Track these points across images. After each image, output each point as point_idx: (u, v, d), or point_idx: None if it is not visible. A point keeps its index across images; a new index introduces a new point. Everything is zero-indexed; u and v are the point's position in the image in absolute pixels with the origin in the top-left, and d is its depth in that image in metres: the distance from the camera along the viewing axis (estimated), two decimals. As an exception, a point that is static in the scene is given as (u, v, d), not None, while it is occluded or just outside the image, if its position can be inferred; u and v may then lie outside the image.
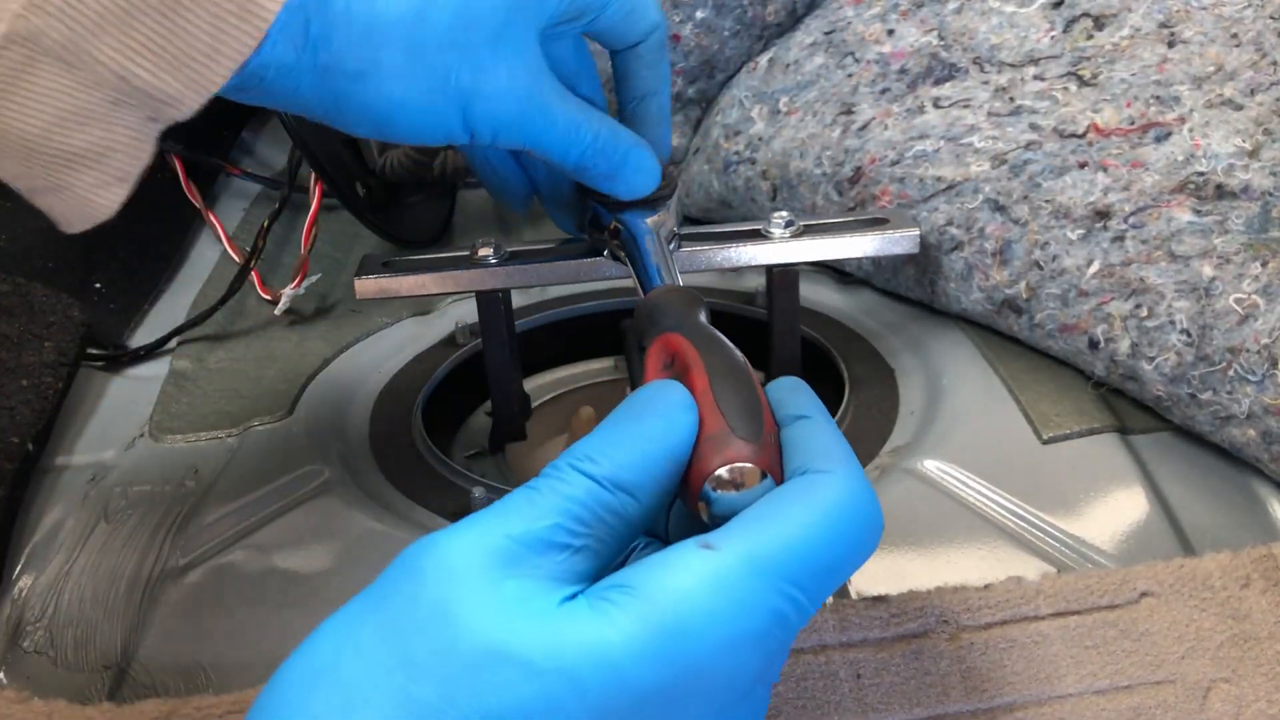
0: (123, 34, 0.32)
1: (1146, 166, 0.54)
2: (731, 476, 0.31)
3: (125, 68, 0.33)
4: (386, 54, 0.37)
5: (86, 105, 0.33)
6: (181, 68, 0.33)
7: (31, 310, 0.60)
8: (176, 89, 0.34)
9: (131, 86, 0.33)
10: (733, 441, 0.31)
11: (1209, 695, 0.38)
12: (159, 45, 0.33)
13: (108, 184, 0.35)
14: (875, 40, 0.68)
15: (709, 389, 0.33)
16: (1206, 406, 0.47)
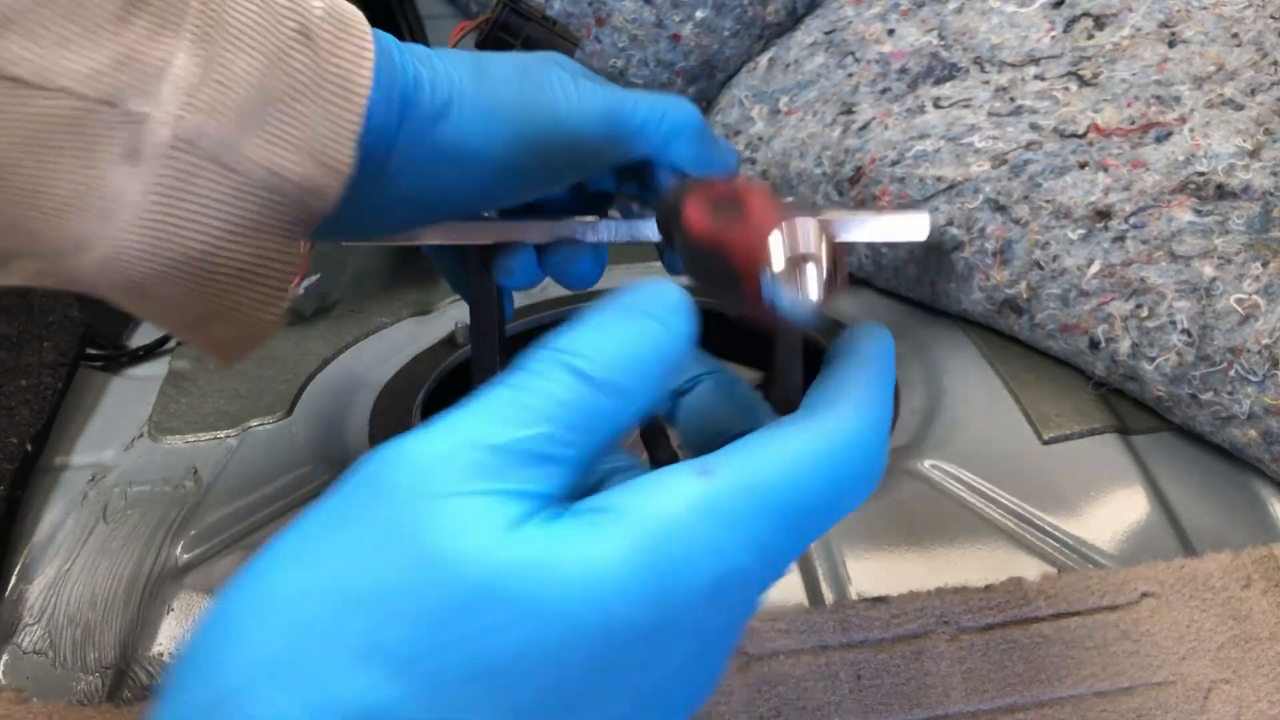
0: (262, 128, 0.33)
1: (1147, 166, 0.54)
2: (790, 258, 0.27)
3: (273, 161, 0.33)
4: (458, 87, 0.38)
5: (245, 212, 0.33)
6: (316, 154, 0.34)
7: (31, 310, 0.60)
8: (317, 175, 0.34)
9: (282, 179, 0.34)
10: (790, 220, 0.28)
11: (1210, 696, 0.38)
12: (292, 135, 0.33)
13: (270, 298, 0.35)
14: (875, 40, 0.68)
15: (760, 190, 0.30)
16: (1207, 407, 0.47)
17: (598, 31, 0.73)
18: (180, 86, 0.31)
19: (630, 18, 0.73)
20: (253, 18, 0.33)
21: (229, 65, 0.32)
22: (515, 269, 0.47)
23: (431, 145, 0.38)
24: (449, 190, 0.41)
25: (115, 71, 0.30)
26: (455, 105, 0.38)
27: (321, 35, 0.34)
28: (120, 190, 0.31)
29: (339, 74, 0.35)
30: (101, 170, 0.31)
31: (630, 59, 0.74)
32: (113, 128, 0.31)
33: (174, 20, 0.31)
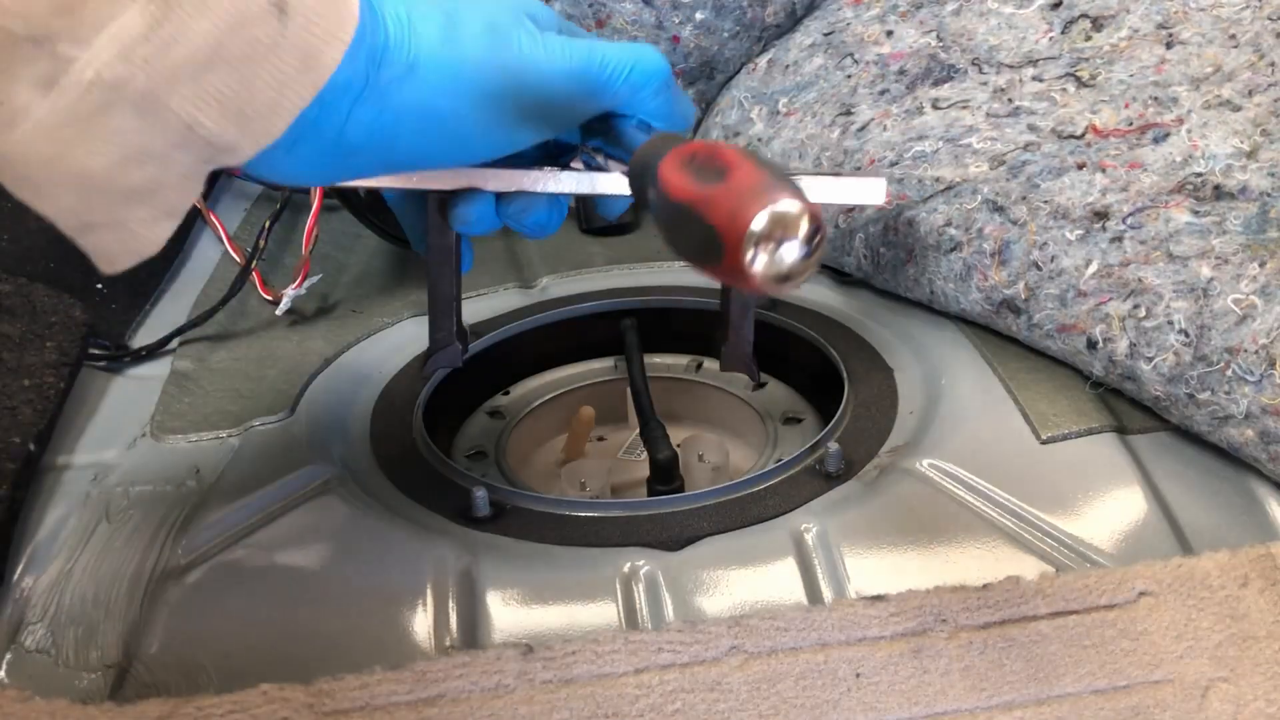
0: (195, 86, 0.34)
1: (1145, 167, 0.54)
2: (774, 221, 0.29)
3: (193, 117, 0.34)
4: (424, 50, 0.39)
5: (150, 145, 0.34)
6: (245, 120, 0.35)
7: (34, 310, 0.60)
8: (236, 138, 0.35)
9: (194, 134, 0.34)
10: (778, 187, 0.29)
11: (1207, 695, 0.38)
12: (227, 98, 0.34)
13: (158, 219, 0.36)
14: (874, 41, 0.68)
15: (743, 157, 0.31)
16: (1204, 406, 0.47)
17: (598, 32, 0.74)
18: (119, 39, 0.32)
19: (630, 19, 0.73)
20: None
21: (182, 26, 0.33)
22: (472, 218, 0.47)
23: (395, 105, 0.39)
24: (410, 148, 0.41)
25: (51, 16, 0.31)
26: (421, 66, 0.39)
27: (299, 8, 0.34)
28: (26, 106, 0.32)
29: (303, 48, 0.35)
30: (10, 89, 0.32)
31: (630, 60, 0.74)
32: (32, 60, 0.32)
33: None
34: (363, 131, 0.39)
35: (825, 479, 0.50)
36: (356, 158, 0.40)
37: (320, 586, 0.45)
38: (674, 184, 0.33)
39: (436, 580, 0.44)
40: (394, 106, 0.39)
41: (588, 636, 0.40)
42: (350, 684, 0.38)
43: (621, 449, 0.64)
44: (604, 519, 0.49)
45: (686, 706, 0.38)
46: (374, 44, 0.37)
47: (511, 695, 0.38)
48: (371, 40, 0.37)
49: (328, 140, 0.39)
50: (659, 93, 0.44)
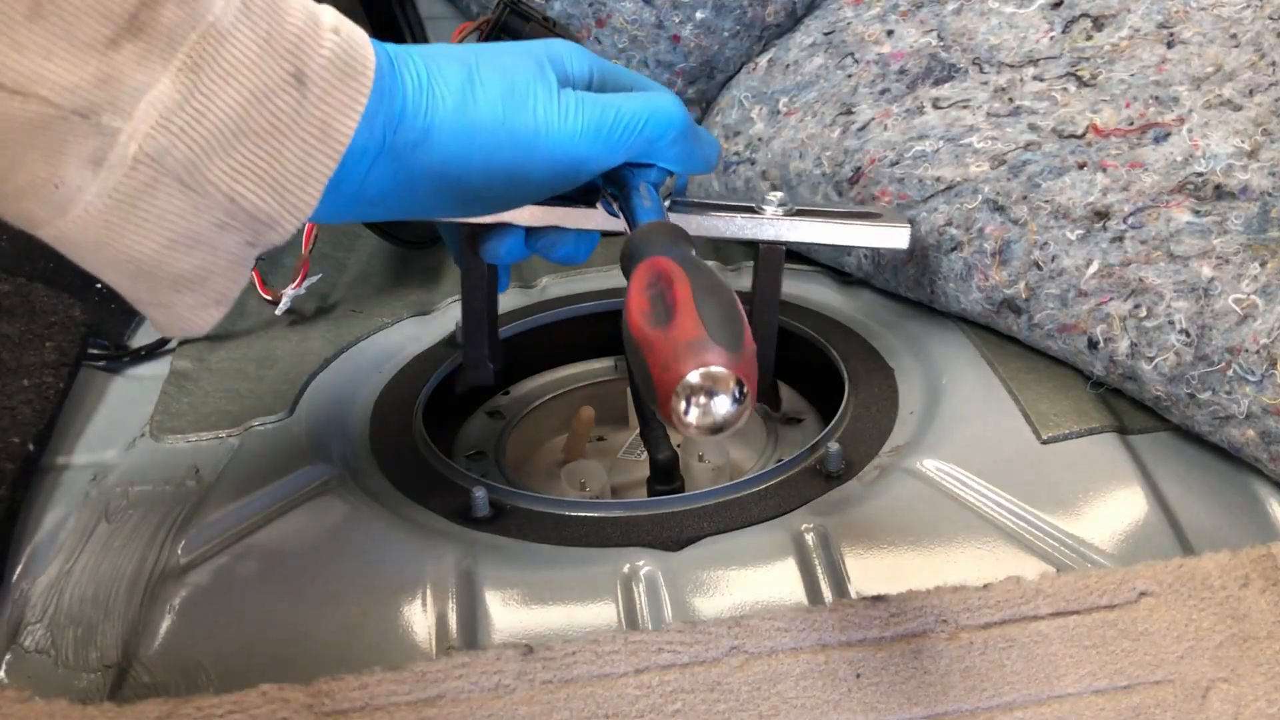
0: (230, 156, 0.34)
1: (1145, 167, 0.54)
2: (704, 382, 0.31)
3: (234, 189, 0.35)
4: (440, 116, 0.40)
5: (197, 229, 0.35)
6: (280, 190, 0.36)
7: (33, 310, 0.60)
8: (276, 210, 0.36)
9: (238, 208, 0.35)
10: (710, 346, 0.31)
11: (1208, 695, 0.38)
12: (261, 168, 0.35)
13: (206, 306, 0.38)
14: (875, 41, 0.68)
15: (690, 299, 0.33)
16: (1205, 406, 0.47)
17: (598, 32, 0.74)
18: (156, 108, 0.33)
19: (630, 19, 0.73)
20: (249, 56, 0.34)
21: (211, 96, 0.33)
22: (502, 251, 0.49)
23: (410, 167, 0.40)
24: (427, 204, 0.42)
25: (94, 88, 0.32)
26: (435, 132, 0.40)
27: (316, 80, 0.35)
28: (78, 190, 0.33)
29: (322, 119, 0.36)
30: (63, 170, 0.32)
31: (630, 59, 0.74)
32: (81, 135, 0.32)
33: (166, 50, 0.33)
34: (381, 189, 0.40)
35: (825, 479, 0.50)
36: (375, 208, 0.41)
37: (320, 586, 0.45)
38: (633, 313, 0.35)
39: (436, 580, 0.44)
40: (410, 167, 0.40)
41: (588, 637, 0.40)
42: (350, 684, 0.38)
43: (621, 449, 0.64)
44: (604, 519, 0.49)
45: (686, 707, 0.38)
46: (390, 110, 0.38)
47: (511, 695, 0.38)
48: (389, 107, 0.38)
49: (348, 195, 0.40)
50: (675, 143, 0.45)
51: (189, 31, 0.33)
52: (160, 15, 0.33)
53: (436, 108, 0.40)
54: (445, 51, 0.41)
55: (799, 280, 0.68)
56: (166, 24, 0.33)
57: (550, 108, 0.42)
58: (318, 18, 0.36)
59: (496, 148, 0.41)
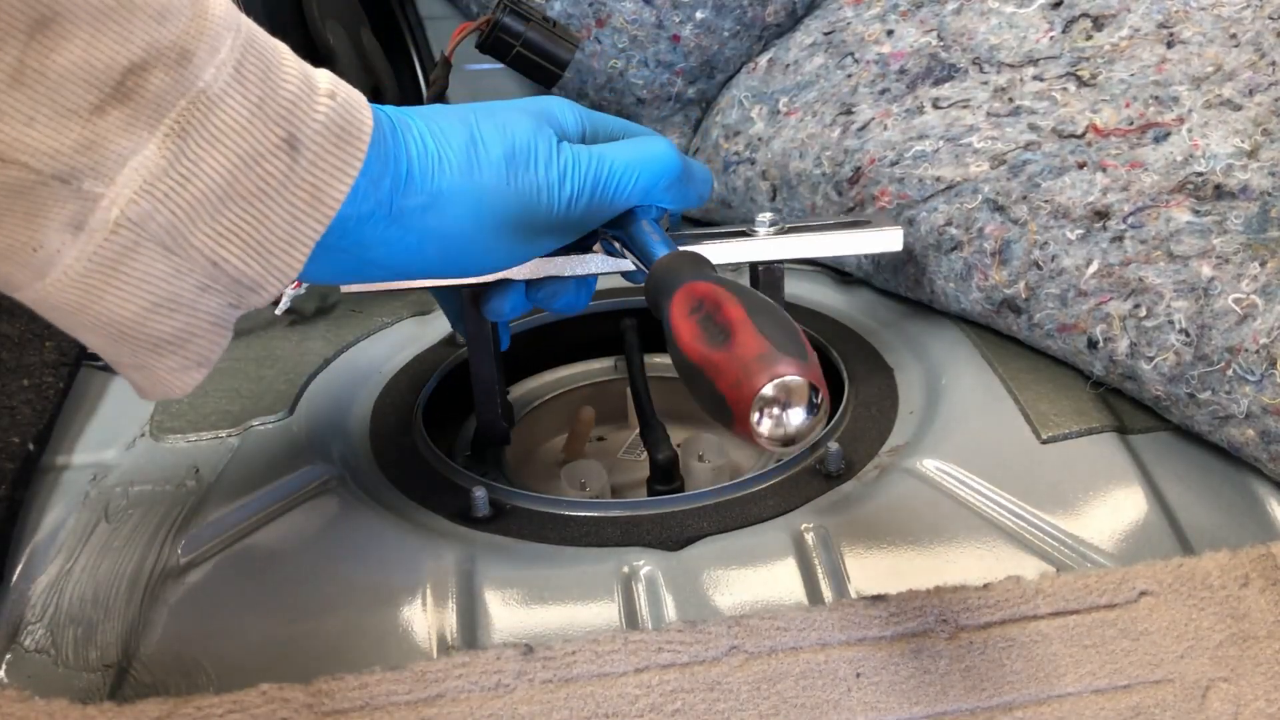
0: (215, 220, 0.34)
1: (1145, 167, 0.54)
2: (779, 394, 0.31)
3: (217, 253, 0.35)
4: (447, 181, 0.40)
5: (178, 291, 0.35)
6: (264, 255, 0.35)
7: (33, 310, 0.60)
8: (260, 274, 0.36)
9: (221, 272, 0.35)
10: (779, 358, 0.31)
11: (1208, 694, 0.38)
12: (245, 232, 0.35)
13: (187, 368, 0.37)
14: (875, 41, 0.68)
15: (746, 316, 0.33)
16: (1205, 406, 0.47)
17: (598, 32, 0.74)
18: (140, 174, 0.33)
19: (630, 18, 0.73)
20: (239, 121, 0.34)
21: (197, 161, 0.33)
22: (505, 309, 0.49)
23: (418, 229, 0.40)
24: (433, 266, 0.42)
25: (76, 154, 0.32)
26: (444, 196, 0.40)
27: (309, 145, 0.35)
28: (57, 253, 0.33)
29: (313, 184, 0.36)
30: (42, 234, 0.32)
31: (630, 59, 0.74)
32: (61, 200, 0.32)
33: (153, 116, 0.33)
34: (386, 251, 0.40)
35: (825, 479, 0.50)
36: (379, 269, 0.42)
37: (320, 586, 0.45)
38: (684, 338, 0.35)
39: (436, 580, 0.44)
40: (417, 230, 0.40)
41: (588, 636, 0.40)
42: (350, 684, 0.38)
43: (621, 449, 0.64)
44: (604, 519, 0.49)
45: (686, 706, 0.38)
46: (396, 174, 0.39)
47: (511, 695, 0.38)
48: (395, 170, 0.39)
49: (350, 257, 0.40)
50: (669, 187, 0.46)
51: (178, 98, 0.33)
52: (148, 82, 0.32)
53: (444, 171, 0.40)
54: (444, 113, 0.42)
55: (799, 280, 0.68)
56: (154, 90, 0.32)
57: (551, 165, 0.43)
58: (313, 83, 0.36)
59: (503, 208, 0.42)
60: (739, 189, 0.69)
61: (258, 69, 0.35)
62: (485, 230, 0.42)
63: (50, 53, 0.31)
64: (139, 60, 0.32)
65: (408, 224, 0.40)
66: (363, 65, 0.71)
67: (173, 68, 0.33)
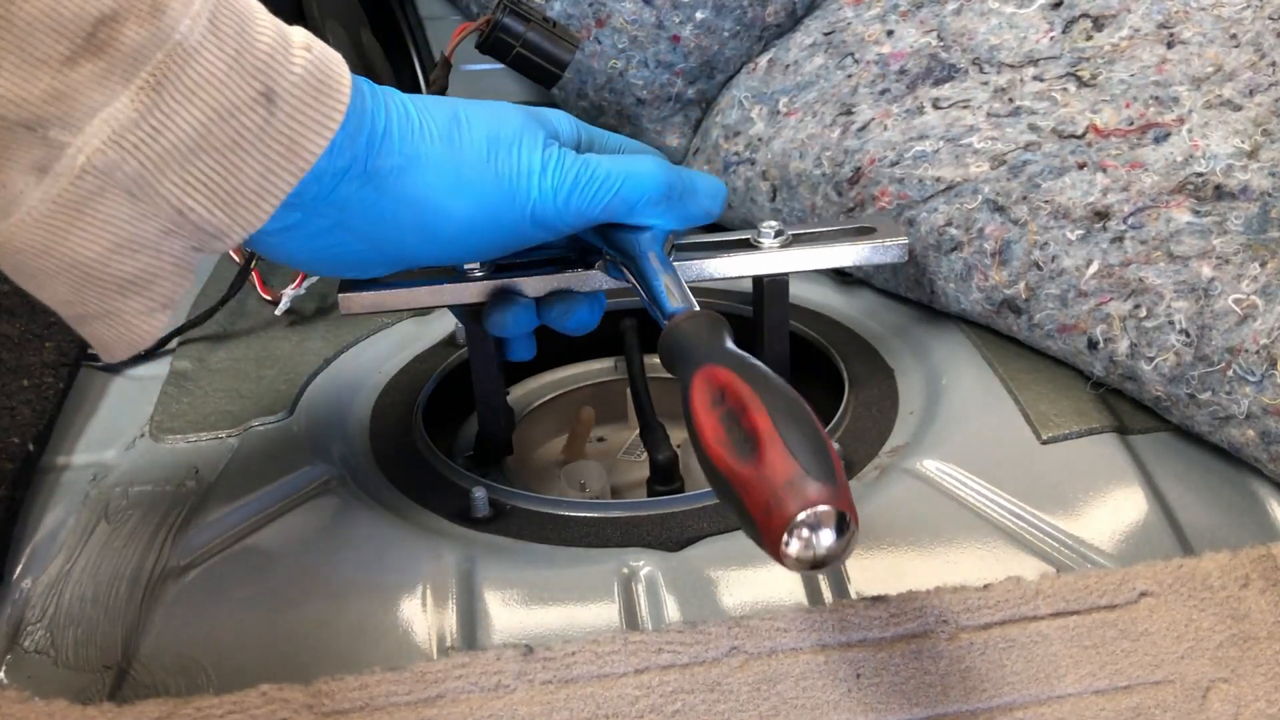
0: (184, 170, 0.34)
1: (1145, 167, 0.54)
2: (809, 520, 0.31)
3: (183, 202, 0.35)
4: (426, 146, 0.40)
5: (141, 233, 0.35)
6: (232, 205, 0.36)
7: (32, 310, 0.60)
8: (225, 223, 0.36)
9: (185, 220, 0.35)
10: (809, 484, 0.32)
11: (1208, 695, 0.38)
12: (215, 182, 0.35)
13: (152, 310, 0.37)
14: (875, 41, 0.68)
15: (773, 428, 0.33)
16: (1205, 407, 0.47)
17: (598, 33, 0.73)
18: (110, 125, 0.33)
19: (630, 19, 0.73)
20: (216, 73, 0.34)
21: (170, 114, 0.33)
22: (508, 322, 0.49)
23: (394, 193, 0.40)
24: (412, 242, 0.42)
25: (43, 103, 0.32)
26: (422, 159, 0.40)
27: (287, 98, 0.35)
28: (20, 193, 0.33)
29: (290, 136, 0.36)
30: (5, 174, 0.32)
31: (630, 60, 0.74)
32: (26, 145, 0.32)
33: (128, 69, 0.33)
34: (360, 216, 0.40)
35: (825, 479, 0.50)
36: (357, 242, 0.41)
37: (320, 587, 0.45)
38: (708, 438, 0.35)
39: (436, 581, 0.44)
40: (393, 194, 0.40)
41: (588, 637, 0.40)
42: (350, 684, 0.38)
43: (621, 449, 0.64)
44: (604, 519, 0.49)
45: (686, 707, 0.38)
46: (373, 131, 0.39)
47: (511, 695, 0.38)
48: (371, 126, 0.39)
49: (326, 222, 0.40)
50: (655, 204, 0.46)
51: (154, 51, 0.33)
52: (121, 34, 0.32)
53: (423, 137, 0.40)
54: (431, 97, 0.42)
55: (799, 280, 0.68)
56: (130, 43, 0.32)
57: (534, 156, 0.43)
58: (288, 36, 0.36)
59: (480, 186, 0.42)
60: (739, 189, 0.69)
61: (233, 22, 0.35)
62: (461, 205, 0.41)
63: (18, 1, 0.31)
64: (109, 11, 0.32)
65: (383, 186, 0.40)
66: (363, 65, 0.71)
67: (146, 19, 0.33)
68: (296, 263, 0.43)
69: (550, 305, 0.49)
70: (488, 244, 0.44)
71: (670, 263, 0.45)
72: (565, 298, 0.49)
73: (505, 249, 0.45)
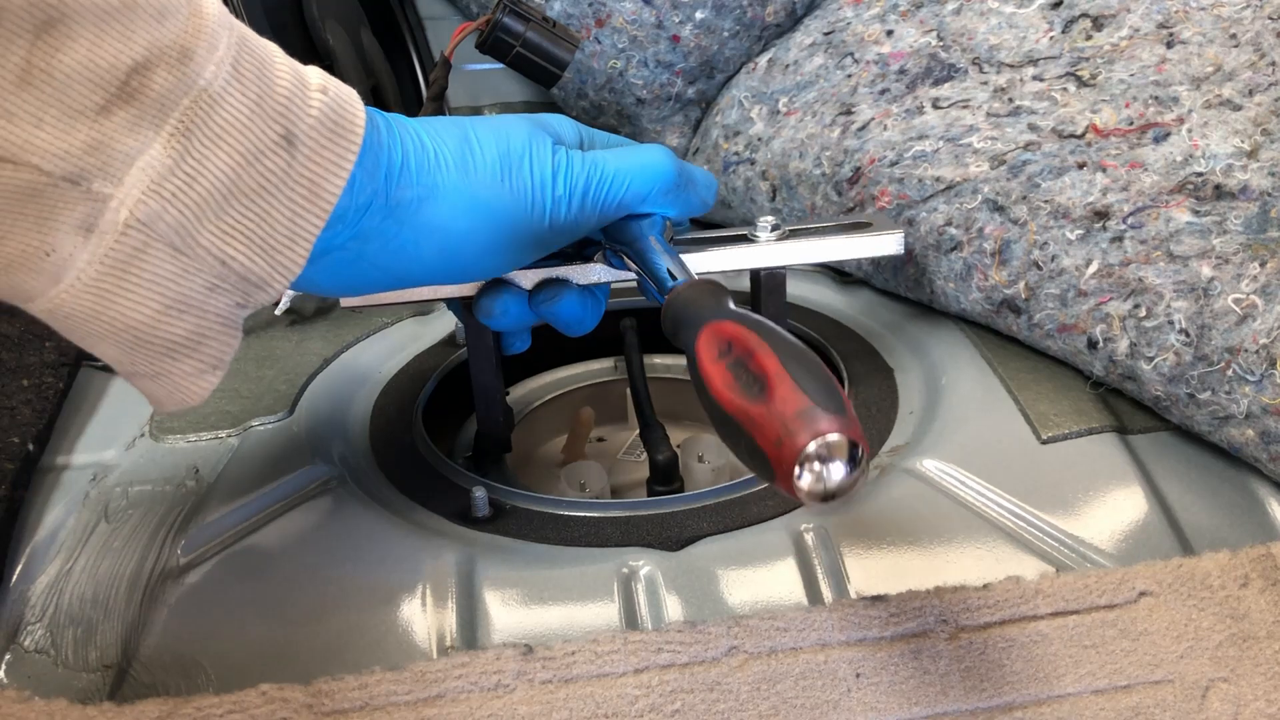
0: (220, 219, 0.35)
1: (1145, 167, 0.54)
2: (821, 451, 0.31)
3: (225, 251, 0.35)
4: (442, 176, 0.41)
5: (187, 292, 0.35)
6: (269, 251, 0.36)
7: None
8: (266, 271, 0.36)
9: (229, 270, 0.35)
10: (820, 415, 0.31)
11: (1208, 694, 0.38)
12: (250, 229, 0.35)
13: (202, 372, 0.38)
14: (874, 41, 0.68)
15: (783, 368, 0.33)
16: (1205, 406, 0.47)
17: (597, 32, 0.74)
18: (148, 174, 0.33)
19: (630, 19, 0.73)
20: (240, 118, 0.34)
21: (202, 160, 0.34)
22: (495, 309, 0.49)
23: (415, 225, 0.40)
24: (431, 266, 0.42)
25: (84, 155, 0.32)
26: (440, 190, 0.41)
27: (305, 140, 0.36)
28: (69, 258, 0.33)
29: (310, 178, 0.36)
30: (54, 238, 0.32)
31: (630, 60, 0.74)
32: (72, 202, 0.32)
33: (158, 115, 0.33)
34: (382, 248, 0.41)
35: (825, 479, 0.50)
36: (378, 272, 0.42)
37: (320, 587, 0.45)
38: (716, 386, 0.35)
39: (436, 580, 0.44)
40: (414, 225, 0.40)
41: (588, 636, 0.40)
42: (350, 684, 0.38)
43: (621, 450, 0.64)
44: (604, 519, 0.49)
45: (686, 707, 0.38)
46: (391, 164, 0.39)
47: (511, 695, 0.38)
48: (389, 160, 0.39)
49: (350, 255, 0.40)
50: (665, 193, 0.46)
51: (181, 97, 0.33)
52: (151, 81, 0.32)
53: (439, 166, 0.41)
54: (439, 120, 0.43)
55: (799, 280, 0.68)
56: (158, 90, 0.33)
57: (544, 167, 0.43)
58: (304, 78, 0.36)
59: (498, 207, 0.42)
60: (739, 189, 0.69)
61: (253, 67, 0.35)
62: (481, 227, 0.42)
63: (56, 53, 0.31)
64: (142, 59, 0.32)
65: (403, 218, 0.40)
66: (363, 65, 0.71)
67: (174, 66, 0.33)
68: (319, 290, 0.43)
69: (540, 292, 0.49)
70: (509, 260, 0.45)
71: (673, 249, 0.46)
72: (554, 285, 0.49)
73: (526, 261, 0.45)
